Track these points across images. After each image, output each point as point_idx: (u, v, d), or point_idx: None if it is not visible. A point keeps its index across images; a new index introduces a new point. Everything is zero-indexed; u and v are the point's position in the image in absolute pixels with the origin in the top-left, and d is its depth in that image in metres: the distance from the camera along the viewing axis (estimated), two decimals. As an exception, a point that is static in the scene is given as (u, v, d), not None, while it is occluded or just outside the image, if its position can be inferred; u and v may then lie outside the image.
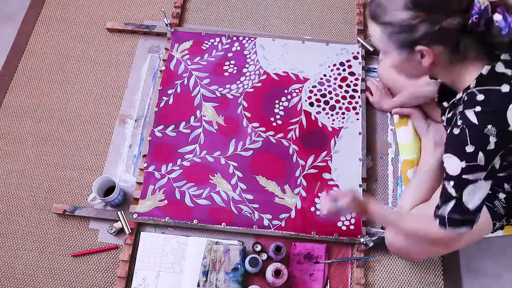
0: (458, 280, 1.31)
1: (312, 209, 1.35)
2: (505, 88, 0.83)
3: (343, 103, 1.50)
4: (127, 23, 1.65)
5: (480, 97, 0.84)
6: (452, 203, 0.90)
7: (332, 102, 1.50)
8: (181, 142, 1.44)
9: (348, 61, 1.57)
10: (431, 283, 1.31)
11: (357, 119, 1.48)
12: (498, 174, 0.91)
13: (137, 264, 1.29)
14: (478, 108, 0.84)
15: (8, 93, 1.54)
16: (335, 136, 1.45)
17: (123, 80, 1.57)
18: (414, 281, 1.31)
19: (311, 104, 1.50)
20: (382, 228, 1.36)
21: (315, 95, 1.51)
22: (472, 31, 0.81)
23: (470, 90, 0.86)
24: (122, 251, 1.31)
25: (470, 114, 0.84)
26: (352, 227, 1.33)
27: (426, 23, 0.80)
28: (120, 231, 1.34)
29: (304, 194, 1.37)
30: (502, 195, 1.08)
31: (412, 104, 1.41)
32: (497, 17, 0.79)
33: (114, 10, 1.70)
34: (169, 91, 1.51)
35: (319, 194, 1.34)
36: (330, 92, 1.52)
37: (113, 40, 1.64)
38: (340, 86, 1.53)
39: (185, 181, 1.38)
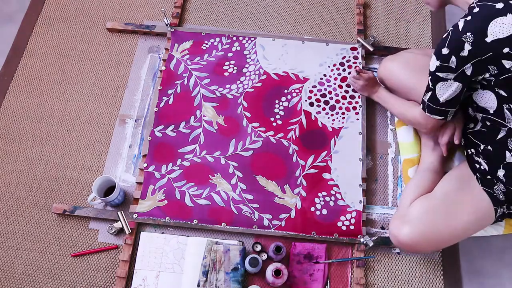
0: (458, 280, 1.31)
1: (312, 209, 1.35)
2: (499, 5, 0.93)
3: (343, 103, 1.50)
4: (127, 23, 1.65)
5: (476, 9, 0.96)
6: (429, 93, 1.09)
7: (332, 102, 1.50)
8: (181, 142, 1.44)
9: (348, 61, 1.57)
10: (431, 283, 1.31)
11: (357, 119, 1.48)
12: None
13: (137, 264, 1.29)
14: (468, 18, 0.96)
15: (8, 93, 1.54)
16: (335, 136, 1.45)
17: (123, 80, 1.57)
18: (414, 281, 1.31)
19: (311, 104, 1.50)
20: (382, 228, 1.36)
21: (315, 95, 1.51)
22: None
23: (472, 5, 0.98)
24: (122, 251, 1.31)
25: (461, 22, 0.97)
26: (352, 227, 1.33)
27: None
28: (120, 231, 1.34)
29: (304, 194, 1.37)
30: (501, 173, 1.10)
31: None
32: None
33: (114, 10, 1.70)
34: (169, 91, 1.51)
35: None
36: (330, 92, 1.52)
37: (113, 40, 1.64)
38: (340, 86, 1.53)
39: (185, 181, 1.38)
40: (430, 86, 1.08)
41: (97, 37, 1.65)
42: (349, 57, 1.58)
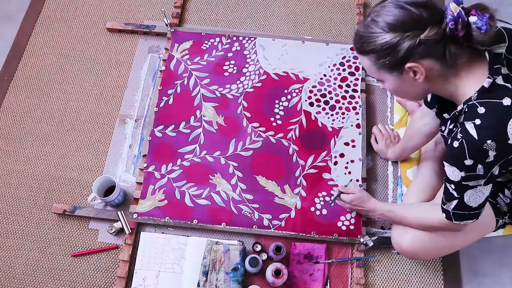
0: (458, 280, 1.31)
1: (312, 209, 1.35)
2: (506, 101, 0.83)
3: (343, 103, 1.50)
4: (127, 23, 1.65)
5: (481, 109, 0.84)
6: (455, 202, 0.95)
7: (332, 102, 1.50)
8: (181, 142, 1.44)
9: (348, 61, 1.57)
10: (431, 283, 1.31)
11: (357, 119, 1.48)
12: (497, 180, 0.93)
13: (137, 264, 1.29)
14: (478, 121, 0.84)
15: (8, 93, 1.54)
16: (335, 136, 1.45)
17: (123, 80, 1.57)
18: (414, 281, 1.31)
19: (311, 104, 1.50)
20: (382, 228, 1.36)
21: (315, 95, 1.51)
22: (453, 38, 0.82)
23: (471, 102, 0.86)
24: (122, 251, 1.31)
25: (470, 127, 0.85)
26: (352, 227, 1.33)
27: (405, 40, 0.82)
28: (120, 231, 1.34)
29: (304, 194, 1.37)
30: (507, 192, 1.09)
31: (412, 146, 1.34)
32: (473, 19, 0.81)
33: (114, 10, 1.70)
34: (169, 91, 1.51)
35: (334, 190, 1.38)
36: (330, 92, 1.52)
37: (113, 40, 1.64)
38: (340, 86, 1.53)
39: (185, 181, 1.38)
40: (455, 195, 0.94)
41: (97, 37, 1.65)
42: (349, 57, 1.58)
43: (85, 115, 1.52)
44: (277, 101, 1.50)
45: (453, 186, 0.93)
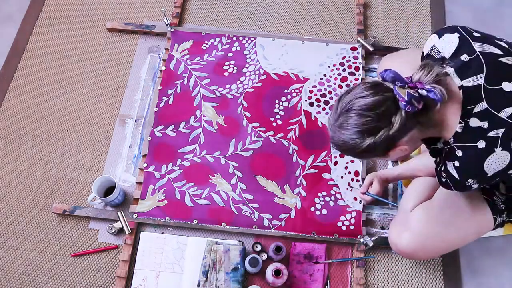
0: (458, 280, 1.31)
1: (312, 209, 1.35)
2: (481, 144, 0.87)
3: (343, 103, 1.50)
4: (127, 23, 1.65)
5: (459, 152, 0.90)
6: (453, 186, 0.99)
7: (332, 102, 1.50)
8: (181, 142, 1.44)
9: (348, 61, 1.57)
10: (431, 283, 1.31)
11: (357, 119, 1.47)
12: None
13: (137, 264, 1.29)
14: (457, 163, 0.90)
15: (8, 93, 1.54)
16: (335, 136, 1.45)
17: (123, 80, 1.57)
18: (414, 281, 1.31)
19: (311, 104, 1.50)
20: (382, 228, 1.36)
21: (315, 95, 1.51)
22: (417, 114, 0.86)
23: (449, 145, 0.92)
24: (122, 251, 1.31)
25: (451, 168, 0.92)
26: (352, 227, 1.33)
27: (381, 139, 0.87)
28: (120, 231, 1.34)
29: (304, 194, 1.37)
30: (502, 186, 1.10)
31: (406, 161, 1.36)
32: (423, 92, 0.84)
33: (114, 10, 1.70)
34: (169, 91, 1.51)
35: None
36: (330, 92, 1.52)
37: (113, 40, 1.64)
38: (340, 86, 1.53)
39: (185, 181, 1.38)
40: (452, 188, 0.99)
41: (97, 37, 1.65)
42: (349, 57, 1.58)
43: (85, 115, 1.52)
44: (277, 101, 1.50)
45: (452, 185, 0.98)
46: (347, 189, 1.38)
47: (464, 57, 0.91)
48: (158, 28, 1.62)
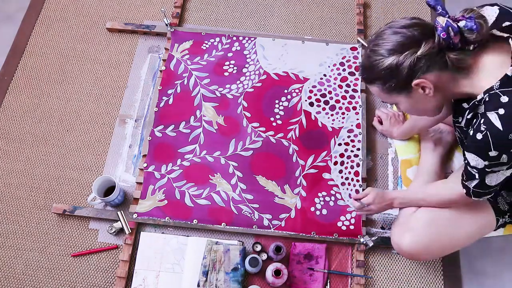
0: (458, 280, 1.31)
1: (312, 209, 1.35)
2: None
3: (343, 103, 1.50)
4: (127, 23, 1.65)
5: (504, 98, 0.84)
6: (475, 182, 0.96)
7: (332, 102, 1.50)
8: (181, 142, 1.44)
9: (348, 61, 1.57)
10: (431, 283, 1.31)
11: (357, 119, 1.48)
12: None
13: (137, 264, 1.29)
14: (501, 111, 0.84)
15: (8, 93, 1.54)
16: (335, 136, 1.45)
17: (123, 80, 1.57)
18: (414, 281, 1.31)
19: (311, 104, 1.50)
20: (382, 228, 1.36)
21: (315, 95, 1.51)
22: (450, 46, 0.86)
23: (493, 91, 0.86)
24: (122, 251, 1.31)
25: (494, 117, 0.84)
26: (352, 227, 1.33)
27: (405, 60, 0.87)
28: (120, 231, 1.34)
29: (304, 194, 1.37)
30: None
31: (421, 126, 1.35)
32: (462, 23, 0.85)
33: (114, 10, 1.70)
34: (169, 91, 1.51)
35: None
36: (330, 92, 1.52)
37: (113, 40, 1.64)
38: (340, 86, 1.53)
39: (185, 181, 1.38)
40: (477, 177, 0.95)
41: (97, 37, 1.65)
42: (349, 57, 1.58)
43: (85, 115, 1.52)
44: (277, 101, 1.50)
45: (475, 170, 0.93)
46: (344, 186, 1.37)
47: (506, 24, 0.91)
48: (158, 28, 1.62)
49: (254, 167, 1.41)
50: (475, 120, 0.90)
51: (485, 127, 0.86)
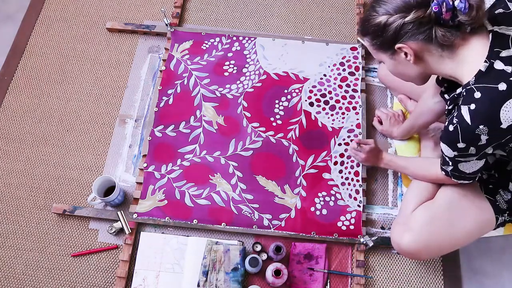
0: (458, 280, 1.31)
1: (312, 209, 1.35)
2: (502, 86, 0.85)
3: (343, 103, 1.50)
4: (127, 23, 1.65)
5: (477, 94, 0.87)
6: (450, 167, 1.02)
7: (332, 102, 1.50)
8: (181, 142, 1.44)
9: (348, 61, 1.57)
10: (431, 283, 1.31)
11: (357, 119, 1.48)
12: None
13: (137, 264, 1.29)
14: (472, 106, 0.87)
15: (8, 93, 1.54)
16: (335, 136, 1.45)
17: (123, 80, 1.57)
18: (414, 281, 1.31)
19: (311, 104, 1.50)
20: (382, 228, 1.36)
21: (315, 95, 1.51)
22: (439, 21, 0.87)
23: (469, 86, 0.89)
24: (122, 251, 1.31)
25: (465, 111, 0.88)
26: (352, 227, 1.33)
27: (393, 22, 0.89)
28: (120, 231, 1.34)
29: (304, 194, 1.37)
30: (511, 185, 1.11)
31: (421, 123, 1.35)
32: (456, 2, 0.85)
33: (114, 10, 1.70)
34: (169, 91, 1.51)
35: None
36: (330, 92, 1.52)
37: (113, 40, 1.64)
38: (340, 86, 1.53)
39: (185, 181, 1.38)
40: (450, 164, 1.00)
41: (97, 37, 1.65)
42: (349, 57, 1.58)
43: (85, 115, 1.52)
44: (277, 101, 1.50)
45: (447, 158, 0.99)
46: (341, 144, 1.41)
47: (499, 11, 0.93)
48: (158, 28, 1.62)
49: (254, 167, 1.41)
50: (453, 112, 0.94)
51: (456, 120, 0.90)
